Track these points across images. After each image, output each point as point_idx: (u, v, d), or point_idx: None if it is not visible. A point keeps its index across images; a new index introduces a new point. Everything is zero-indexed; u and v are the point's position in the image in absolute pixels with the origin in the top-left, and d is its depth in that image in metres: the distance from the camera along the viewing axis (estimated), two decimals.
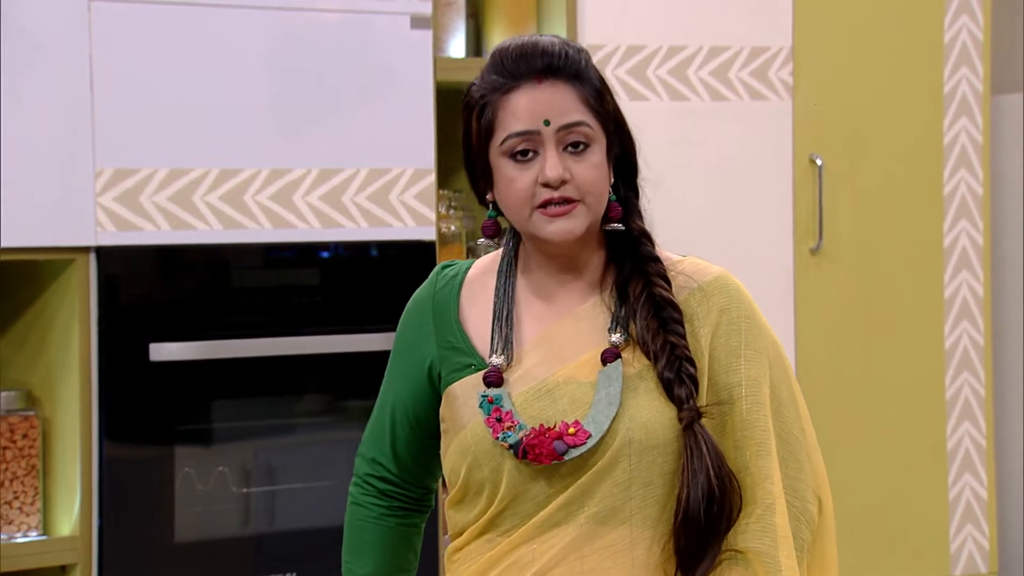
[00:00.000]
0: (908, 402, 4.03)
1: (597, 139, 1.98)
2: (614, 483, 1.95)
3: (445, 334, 2.05)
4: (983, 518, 4.09)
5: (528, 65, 1.97)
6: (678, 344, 1.97)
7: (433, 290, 2.08)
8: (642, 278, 2.00)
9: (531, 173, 1.96)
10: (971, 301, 4.09)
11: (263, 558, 3.34)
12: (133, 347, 3.21)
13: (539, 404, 1.98)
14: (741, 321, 2.01)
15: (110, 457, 3.18)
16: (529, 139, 1.96)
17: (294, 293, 3.41)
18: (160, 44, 3.23)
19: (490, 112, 1.98)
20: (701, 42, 3.82)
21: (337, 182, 3.40)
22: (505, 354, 2.00)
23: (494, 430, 1.96)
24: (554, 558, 1.96)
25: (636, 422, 1.95)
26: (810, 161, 3.94)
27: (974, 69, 4.07)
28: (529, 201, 1.97)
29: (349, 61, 3.40)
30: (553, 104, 1.96)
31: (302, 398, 3.46)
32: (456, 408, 2.02)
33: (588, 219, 1.97)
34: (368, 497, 2.12)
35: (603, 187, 1.98)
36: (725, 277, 2.04)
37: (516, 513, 1.98)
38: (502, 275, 2.05)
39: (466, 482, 2.01)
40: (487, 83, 1.98)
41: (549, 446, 1.94)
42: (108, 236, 3.19)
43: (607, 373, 1.97)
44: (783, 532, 1.95)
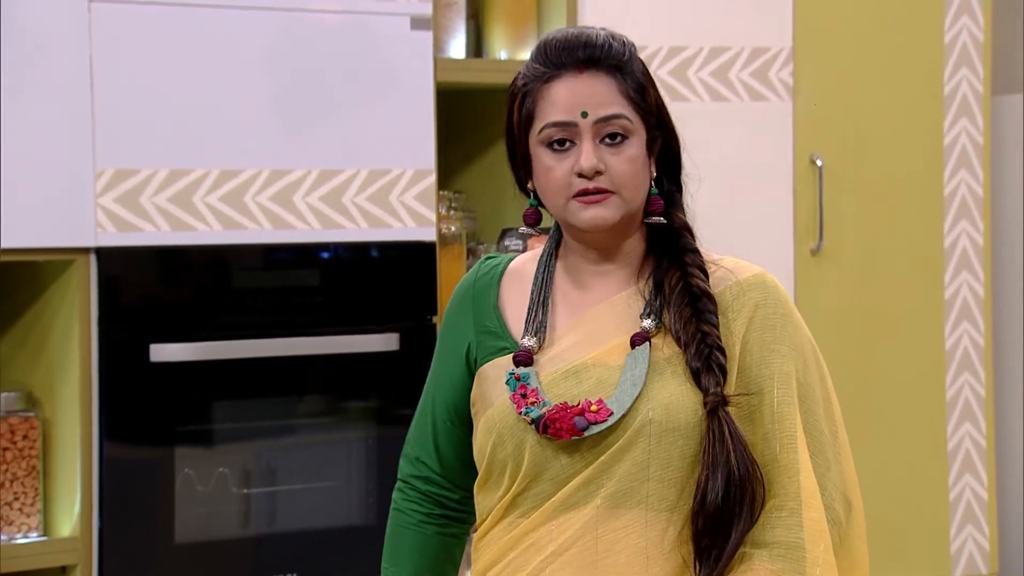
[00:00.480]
0: (909, 403, 4.03)
1: (636, 132, 2.00)
2: (633, 463, 1.96)
3: (483, 319, 2.08)
4: (983, 519, 4.09)
5: (570, 55, 1.99)
6: (710, 333, 1.98)
7: (475, 278, 2.12)
8: (679, 269, 2.02)
9: (568, 163, 1.99)
10: (971, 302, 4.09)
11: (263, 559, 3.34)
12: (133, 348, 3.21)
13: (566, 384, 2.00)
14: (776, 318, 2.02)
15: (110, 458, 3.18)
16: (566, 129, 1.98)
17: (294, 294, 3.41)
18: (160, 45, 3.23)
19: (530, 101, 2.00)
20: (701, 43, 3.82)
21: (337, 183, 3.40)
22: (538, 337, 2.03)
23: (518, 405, 1.99)
24: (570, 538, 1.98)
25: (657, 402, 1.97)
26: (810, 162, 3.94)
27: (974, 70, 4.07)
28: (565, 190, 1.99)
29: (349, 62, 3.40)
30: (592, 95, 1.98)
31: (303, 399, 3.46)
32: (486, 388, 2.04)
33: (622, 210, 1.99)
34: (409, 503, 2.14)
35: (639, 180, 2.00)
36: (763, 275, 2.05)
37: (537, 493, 2.00)
38: (542, 264, 2.08)
39: (491, 461, 2.03)
40: (530, 72, 2.01)
41: (570, 421, 1.96)
42: (108, 237, 3.18)
43: (634, 356, 1.99)
44: (819, 527, 1.95)
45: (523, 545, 2.01)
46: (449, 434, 2.11)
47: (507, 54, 3.72)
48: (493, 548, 2.04)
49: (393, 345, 3.43)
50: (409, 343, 3.45)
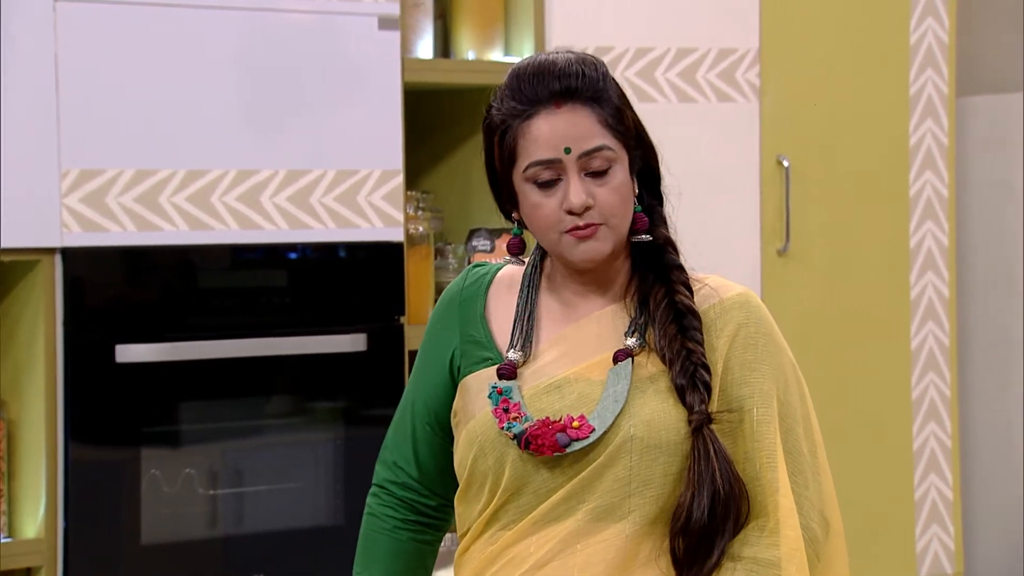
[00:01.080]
0: (874, 403, 4.05)
1: (619, 159, 2.00)
2: (614, 479, 1.97)
3: (468, 328, 2.08)
4: (949, 518, 4.11)
5: (545, 89, 1.98)
6: (695, 350, 1.99)
7: (462, 286, 2.12)
8: (664, 285, 2.03)
9: (556, 199, 1.98)
10: (937, 302, 4.11)
11: (231, 560, 3.33)
12: (99, 348, 3.20)
13: (548, 398, 2.00)
14: (759, 337, 2.02)
15: (76, 459, 3.17)
16: (551, 167, 1.98)
17: (262, 294, 3.40)
18: (126, 44, 3.22)
19: (511, 138, 1.99)
20: (668, 44, 3.83)
21: (305, 183, 3.39)
22: (523, 351, 2.03)
23: (500, 420, 1.99)
24: (549, 552, 1.98)
25: (639, 419, 1.97)
26: (777, 163, 3.95)
27: (939, 71, 4.09)
28: (556, 226, 1.99)
29: (317, 62, 3.40)
30: (573, 130, 1.97)
31: (270, 400, 3.46)
32: (468, 400, 2.04)
33: (613, 239, 2.00)
34: (384, 508, 2.13)
35: (626, 207, 2.00)
36: (747, 295, 2.06)
37: (517, 507, 2.00)
38: (527, 279, 2.08)
39: (471, 473, 2.03)
40: (506, 108, 2.00)
41: (552, 438, 1.96)
42: (74, 237, 3.17)
43: (616, 371, 1.99)
44: (795, 545, 1.96)
45: (503, 559, 2.01)
46: (429, 441, 2.11)
47: (475, 54, 3.72)
48: (474, 562, 2.04)
49: (360, 346, 3.43)
50: (377, 344, 3.45)
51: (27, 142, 3.13)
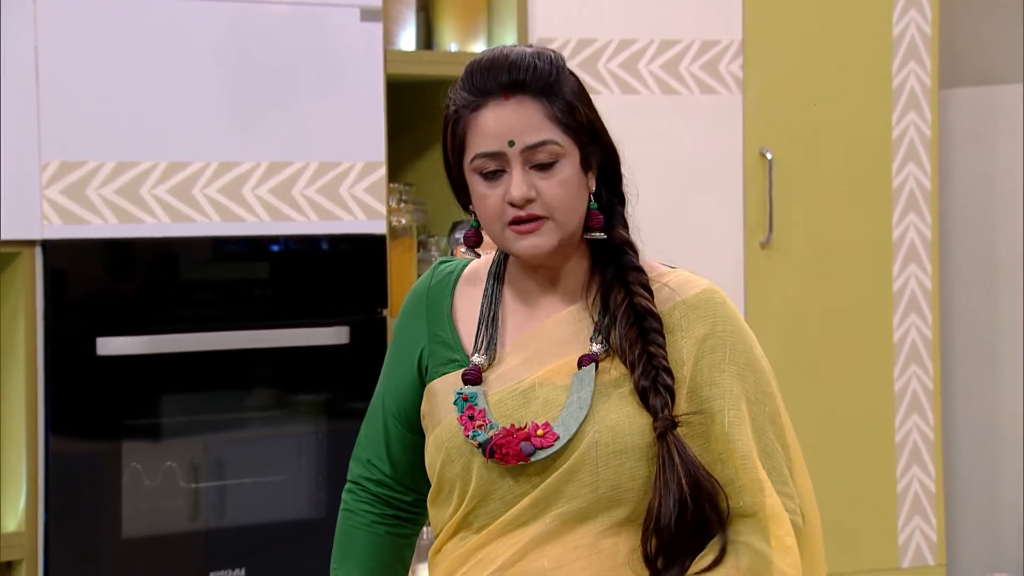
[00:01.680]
0: (857, 395, 4.05)
1: (567, 154, 1.98)
2: (581, 484, 1.97)
3: (436, 327, 2.08)
4: (931, 510, 4.11)
5: (495, 80, 1.98)
6: (656, 354, 1.98)
7: (429, 284, 2.11)
8: (623, 288, 2.01)
9: (500, 191, 1.98)
10: (919, 294, 4.12)
11: (212, 553, 3.33)
12: (80, 341, 3.19)
13: (513, 403, 2.00)
14: (726, 336, 2.01)
15: (56, 452, 3.16)
16: (495, 159, 1.98)
17: (244, 287, 3.40)
18: (107, 36, 3.21)
19: (461, 129, 2.00)
20: (652, 35, 3.82)
21: (287, 175, 3.39)
22: (488, 354, 2.03)
23: (465, 428, 1.99)
24: (516, 554, 1.98)
25: (604, 425, 1.97)
26: (760, 155, 3.95)
27: (922, 64, 4.10)
28: (500, 217, 1.98)
29: (299, 54, 3.39)
30: (518, 123, 1.97)
31: (252, 392, 3.45)
32: (435, 405, 2.04)
33: (558, 234, 1.99)
34: (360, 504, 2.13)
35: (573, 202, 1.99)
36: (711, 291, 2.04)
37: (487, 512, 2.00)
38: (491, 278, 2.08)
39: (440, 478, 2.03)
40: (459, 99, 2.00)
41: (516, 447, 1.96)
42: (54, 229, 3.16)
43: (580, 377, 1.99)
44: (787, 542, 1.96)
45: (473, 560, 2.01)
46: (401, 438, 2.11)
47: (457, 46, 3.71)
48: (445, 563, 2.04)
49: (343, 338, 3.43)
50: (359, 336, 3.45)
51: (7, 134, 3.12)
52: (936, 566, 4.11)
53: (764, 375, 2.04)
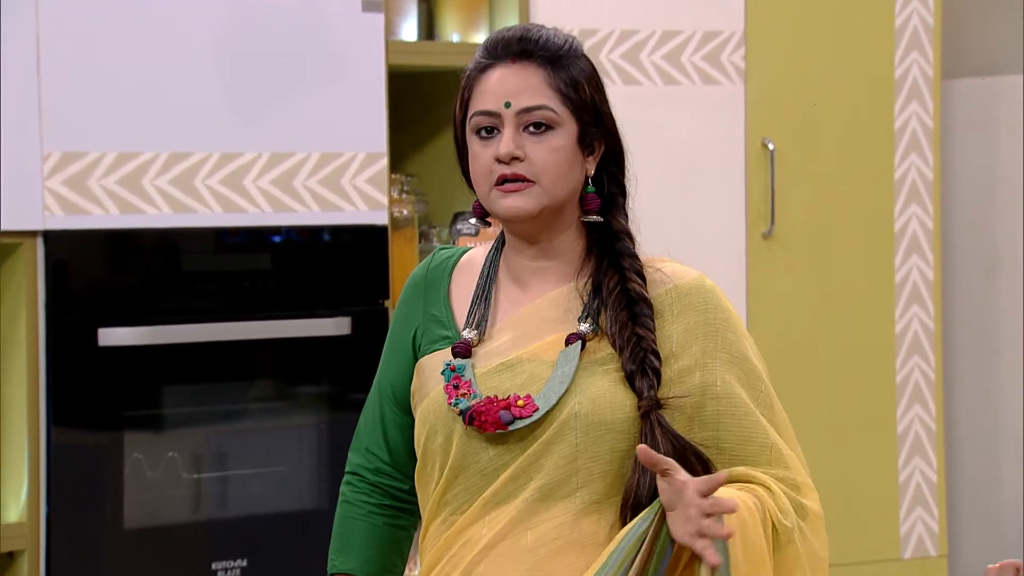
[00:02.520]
0: (859, 386, 4.06)
1: (563, 124, 2.01)
2: (560, 455, 1.98)
3: (431, 307, 2.10)
4: (933, 501, 4.12)
5: (507, 48, 2.03)
6: (645, 337, 2.00)
7: (427, 269, 2.14)
8: (617, 272, 2.04)
9: (491, 150, 2.02)
10: (921, 285, 4.12)
11: (214, 544, 3.34)
12: (82, 332, 3.20)
13: (499, 377, 2.02)
14: (718, 323, 2.04)
15: (58, 443, 3.17)
16: (491, 118, 2.02)
17: (245, 278, 3.40)
18: (109, 26, 3.21)
19: (467, 89, 2.05)
20: (654, 26, 3.82)
21: (288, 166, 3.39)
22: (478, 330, 2.05)
23: (449, 396, 2.01)
24: (500, 532, 2.00)
25: (584, 397, 1.99)
26: (762, 145, 3.95)
27: (924, 54, 4.09)
28: (488, 177, 2.02)
29: (301, 44, 3.39)
30: (518, 86, 2.01)
31: (253, 383, 3.46)
32: (424, 380, 2.06)
33: (541, 200, 2.01)
34: (359, 494, 2.14)
35: (561, 170, 2.01)
36: (702, 280, 2.07)
37: (466, 488, 2.02)
38: (487, 261, 2.11)
39: (424, 452, 2.05)
40: (473, 63, 2.06)
41: (495, 415, 1.98)
42: (56, 220, 3.17)
43: (566, 354, 2.00)
44: (815, 509, 2.01)
45: (459, 543, 2.02)
46: (398, 423, 2.12)
47: (459, 37, 3.71)
48: (433, 548, 2.06)
49: (345, 329, 3.43)
50: (361, 327, 3.45)
51: (9, 125, 3.12)
52: (938, 557, 4.11)
53: (754, 364, 2.05)
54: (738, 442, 2.01)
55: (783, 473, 2.00)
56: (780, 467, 2.00)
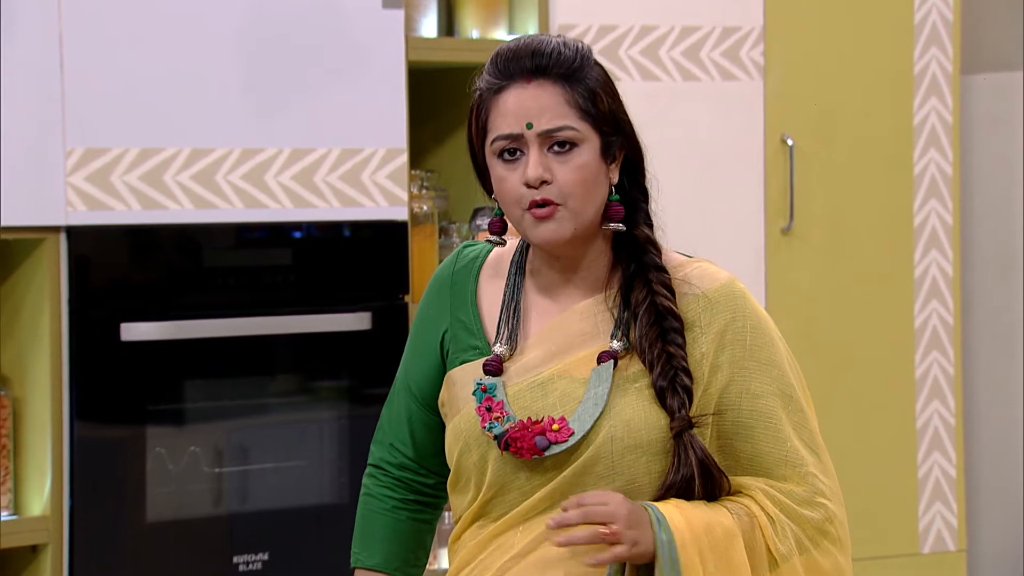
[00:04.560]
0: (878, 381, 4.06)
1: (585, 140, 1.99)
2: (597, 478, 1.98)
3: (459, 311, 2.09)
4: (952, 496, 4.12)
5: (518, 65, 2.00)
6: (675, 354, 1.99)
7: (453, 268, 2.12)
8: (645, 286, 2.02)
9: (518, 174, 1.99)
10: (940, 280, 4.12)
11: (235, 538, 3.35)
12: (104, 327, 3.21)
13: (531, 395, 2.01)
14: (747, 332, 2.02)
15: (81, 437, 3.19)
16: (514, 140, 1.99)
17: (266, 273, 3.41)
18: (131, 23, 3.23)
19: (484, 112, 2.02)
20: (673, 22, 3.83)
21: (309, 162, 3.40)
22: (508, 345, 2.04)
23: (483, 419, 2.00)
24: (534, 541, 1.99)
25: (620, 420, 1.97)
26: (781, 141, 3.96)
27: (944, 49, 4.09)
28: (518, 201, 2.00)
29: (321, 41, 3.40)
30: (537, 106, 1.98)
31: (274, 378, 3.47)
32: (455, 393, 2.05)
33: (573, 223, 1.99)
34: (382, 488, 2.14)
35: (589, 188, 1.99)
36: (731, 285, 2.05)
37: (504, 502, 2.02)
38: (513, 267, 2.09)
39: (458, 467, 2.05)
40: (484, 83, 2.03)
41: (531, 440, 1.97)
42: (79, 216, 3.18)
43: (598, 372, 1.99)
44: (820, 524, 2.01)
45: (491, 547, 2.02)
46: (423, 420, 2.12)
47: (478, 33, 3.72)
48: (464, 551, 2.05)
49: (365, 324, 3.44)
50: (381, 322, 3.46)
51: (32, 121, 3.14)
52: (956, 551, 4.12)
53: (784, 370, 2.04)
54: (754, 454, 2.00)
55: (792, 488, 1.99)
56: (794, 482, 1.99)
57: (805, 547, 1.99)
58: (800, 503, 1.99)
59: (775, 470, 2.00)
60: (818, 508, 2.00)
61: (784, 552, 1.97)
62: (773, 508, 1.98)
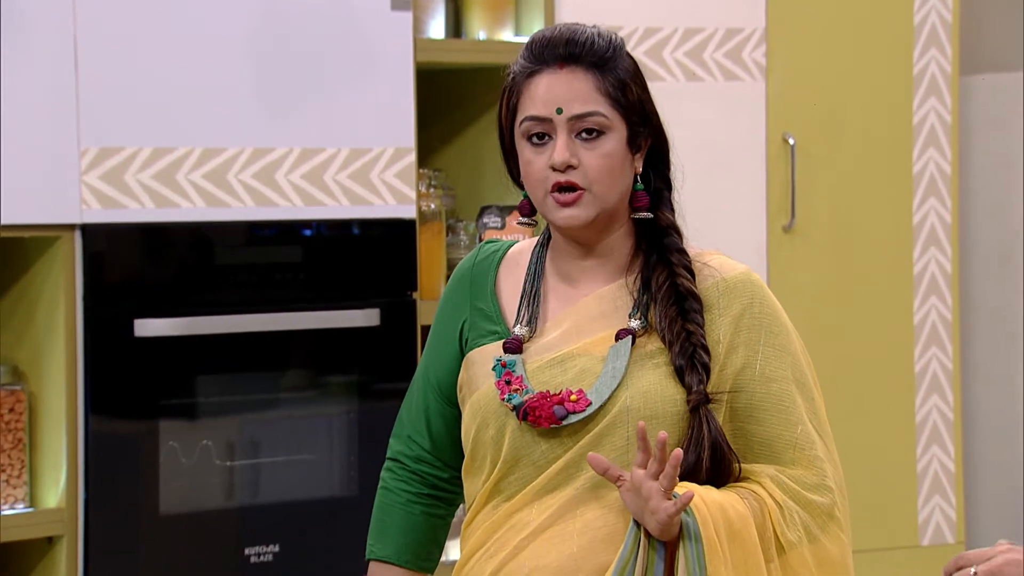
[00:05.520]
0: (878, 376, 4.08)
1: (613, 128, 2.03)
2: (612, 448, 2.00)
3: (478, 301, 2.12)
4: (950, 489, 4.14)
5: (552, 51, 2.03)
6: (695, 332, 2.02)
7: (473, 261, 2.16)
8: (666, 268, 2.05)
9: (545, 156, 2.02)
10: (939, 277, 4.14)
11: (247, 530, 3.37)
12: (118, 323, 3.23)
13: (550, 372, 2.03)
14: (764, 317, 2.05)
15: (96, 431, 3.20)
16: (543, 124, 2.02)
17: (277, 270, 3.43)
18: (144, 24, 3.25)
19: (515, 95, 2.04)
20: (676, 23, 3.86)
21: (319, 161, 3.43)
22: (529, 327, 2.06)
23: (501, 391, 2.02)
24: (549, 518, 2.02)
25: (636, 390, 2.00)
26: (783, 141, 3.98)
27: (943, 50, 4.12)
28: (543, 183, 2.02)
29: (330, 42, 3.42)
30: (569, 92, 2.01)
31: (285, 373, 3.49)
32: (473, 373, 2.08)
33: (596, 207, 2.02)
34: (398, 482, 2.16)
35: (614, 175, 2.03)
36: (749, 274, 2.08)
37: (519, 478, 2.04)
38: (535, 255, 2.11)
39: (474, 445, 2.07)
40: (518, 66, 2.05)
41: (549, 410, 2.00)
42: (93, 214, 3.21)
43: (617, 349, 2.02)
44: (827, 509, 2.03)
45: (506, 526, 2.04)
46: (441, 413, 2.14)
47: (486, 34, 3.75)
48: (478, 532, 2.07)
49: (374, 320, 3.46)
50: (389, 319, 3.48)
51: (47, 120, 3.16)
52: (955, 544, 4.14)
53: (798, 358, 2.07)
54: (765, 437, 2.03)
55: (800, 473, 2.02)
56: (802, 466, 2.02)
57: (814, 534, 2.02)
58: (809, 489, 2.02)
59: (785, 453, 2.02)
60: (826, 493, 2.03)
61: (792, 540, 2.00)
62: (781, 495, 2.00)
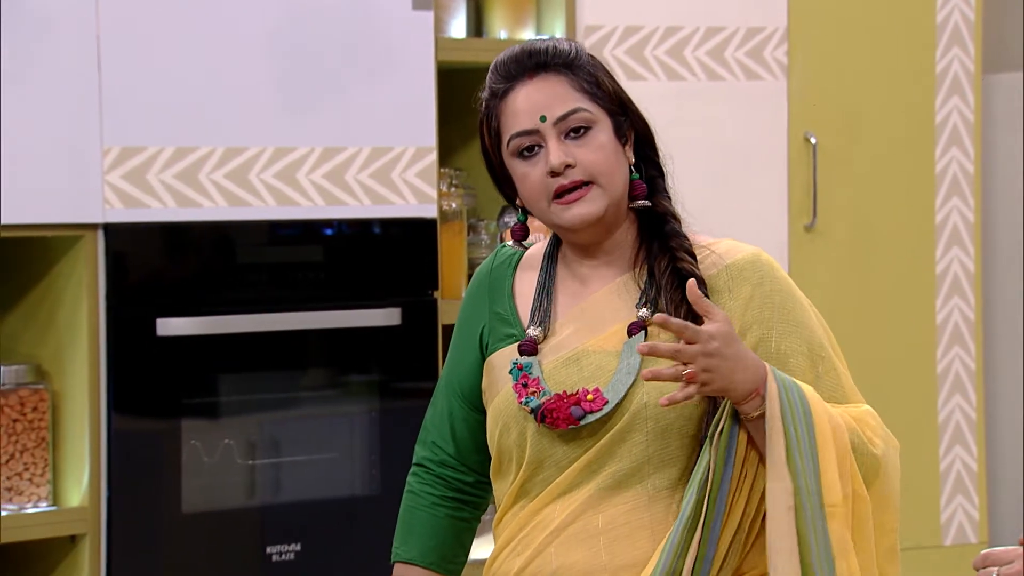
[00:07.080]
0: (900, 376, 4.08)
1: (598, 121, 2.03)
2: (632, 444, 2.01)
3: (496, 305, 2.13)
4: (973, 489, 4.14)
5: (519, 66, 2.04)
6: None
7: (491, 265, 2.17)
8: (667, 254, 2.06)
9: (540, 166, 2.03)
10: (962, 277, 4.14)
11: (268, 529, 3.38)
12: (140, 322, 3.25)
13: (566, 371, 2.05)
14: (775, 295, 2.06)
15: (118, 430, 3.22)
16: (531, 136, 2.03)
17: (298, 269, 3.44)
18: (166, 24, 3.27)
19: (495, 119, 2.06)
20: (698, 23, 3.86)
21: (340, 160, 3.44)
22: (542, 326, 2.07)
23: (519, 395, 2.04)
24: (571, 515, 2.03)
25: (652, 386, 2.01)
26: (805, 140, 3.98)
27: (966, 49, 4.12)
28: (544, 193, 2.03)
29: (352, 41, 3.44)
30: (546, 97, 2.02)
31: (306, 372, 3.50)
32: (494, 378, 2.10)
33: (605, 200, 2.03)
34: (423, 485, 2.18)
35: (612, 166, 2.04)
36: (757, 254, 2.09)
37: (543, 479, 2.05)
38: (546, 258, 2.13)
39: (499, 449, 2.09)
40: (488, 91, 2.07)
41: (566, 411, 2.01)
42: (116, 213, 3.22)
43: (630, 344, 2.03)
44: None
45: (531, 525, 2.06)
46: (464, 417, 2.16)
47: (507, 33, 3.76)
48: (506, 531, 2.09)
49: (395, 320, 3.47)
50: (410, 318, 3.49)
51: (69, 120, 3.18)
52: (978, 544, 4.13)
53: (815, 331, 2.07)
54: None
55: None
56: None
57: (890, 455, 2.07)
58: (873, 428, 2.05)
59: None
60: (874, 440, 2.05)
61: (877, 453, 2.05)
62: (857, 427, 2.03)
